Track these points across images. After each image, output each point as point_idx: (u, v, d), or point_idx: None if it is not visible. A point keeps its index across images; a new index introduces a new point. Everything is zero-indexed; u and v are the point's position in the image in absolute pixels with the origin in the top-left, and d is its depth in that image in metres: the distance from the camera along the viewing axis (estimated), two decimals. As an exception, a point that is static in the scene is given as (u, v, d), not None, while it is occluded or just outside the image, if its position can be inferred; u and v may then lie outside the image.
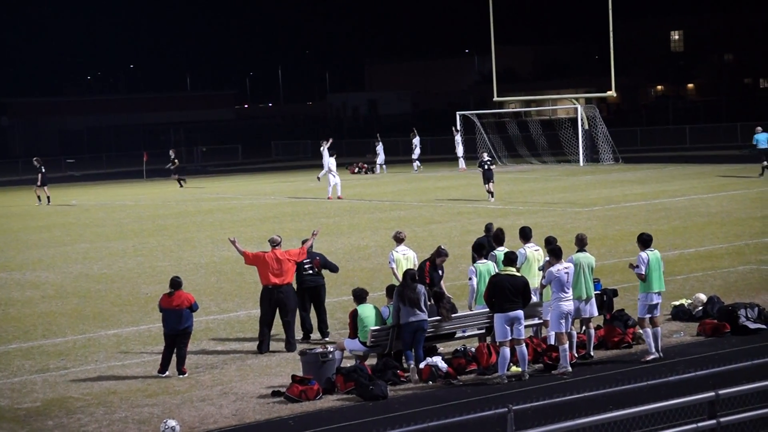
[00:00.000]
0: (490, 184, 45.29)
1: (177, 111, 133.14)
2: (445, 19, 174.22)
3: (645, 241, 18.77)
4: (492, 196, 45.13)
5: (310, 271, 21.38)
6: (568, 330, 18.29)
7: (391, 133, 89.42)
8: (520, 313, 17.71)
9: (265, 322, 20.53)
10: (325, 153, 50.21)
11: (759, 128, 51.98)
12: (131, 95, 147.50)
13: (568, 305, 18.24)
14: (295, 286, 21.09)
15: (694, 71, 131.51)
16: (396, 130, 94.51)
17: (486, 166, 45.51)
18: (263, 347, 20.39)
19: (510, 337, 17.64)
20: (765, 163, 50.08)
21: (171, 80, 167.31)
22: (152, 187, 66.05)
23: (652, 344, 18.43)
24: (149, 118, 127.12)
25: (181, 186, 62.95)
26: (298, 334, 21.08)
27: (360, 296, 18.89)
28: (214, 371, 19.20)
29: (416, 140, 68.01)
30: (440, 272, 19.84)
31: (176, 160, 65.17)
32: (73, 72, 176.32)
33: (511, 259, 18.17)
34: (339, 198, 49.25)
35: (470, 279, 19.25)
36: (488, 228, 22.34)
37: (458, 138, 66.23)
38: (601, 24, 68.07)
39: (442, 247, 20.42)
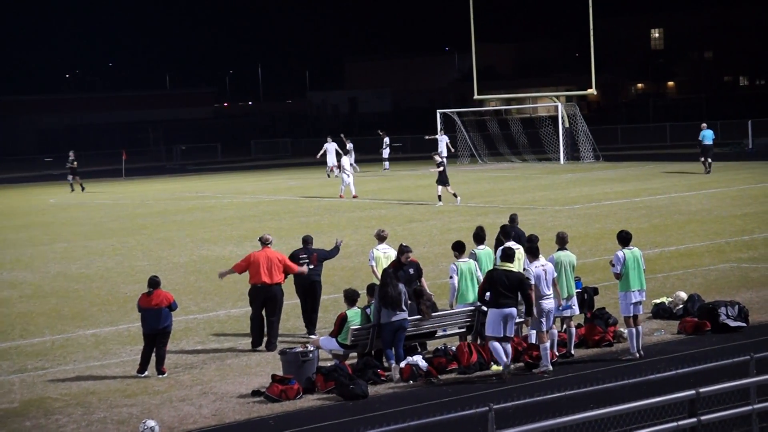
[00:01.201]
0: (447, 186, 42.79)
1: (156, 109, 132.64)
2: (425, 17, 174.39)
3: (624, 239, 18.77)
4: (440, 200, 42.70)
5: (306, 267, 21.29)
6: (549, 328, 18.26)
7: (371, 131, 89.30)
8: (513, 310, 17.67)
9: (256, 320, 20.48)
10: (331, 150, 49.80)
11: (704, 125, 52.21)
12: (110, 93, 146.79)
13: (549, 303, 18.22)
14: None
15: (674, 69, 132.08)
16: (376, 128, 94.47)
17: (442, 168, 42.90)
18: (257, 343, 20.38)
19: (502, 334, 17.56)
20: (708, 160, 50.45)
21: (150, 78, 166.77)
22: (131, 186, 65.83)
23: (634, 344, 18.42)
24: (128, 117, 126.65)
25: (73, 190, 60.30)
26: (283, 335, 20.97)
27: (351, 298, 18.74)
28: (194, 371, 19.10)
29: (386, 140, 67.79)
30: (411, 270, 19.39)
31: (75, 162, 61.38)
32: (51, 70, 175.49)
33: (508, 254, 18.05)
34: (341, 196, 48.09)
35: (451, 277, 19.19)
36: (513, 218, 22.28)
37: (443, 137, 65.77)
38: (581, 22, 68.20)
39: (403, 244, 19.90)
